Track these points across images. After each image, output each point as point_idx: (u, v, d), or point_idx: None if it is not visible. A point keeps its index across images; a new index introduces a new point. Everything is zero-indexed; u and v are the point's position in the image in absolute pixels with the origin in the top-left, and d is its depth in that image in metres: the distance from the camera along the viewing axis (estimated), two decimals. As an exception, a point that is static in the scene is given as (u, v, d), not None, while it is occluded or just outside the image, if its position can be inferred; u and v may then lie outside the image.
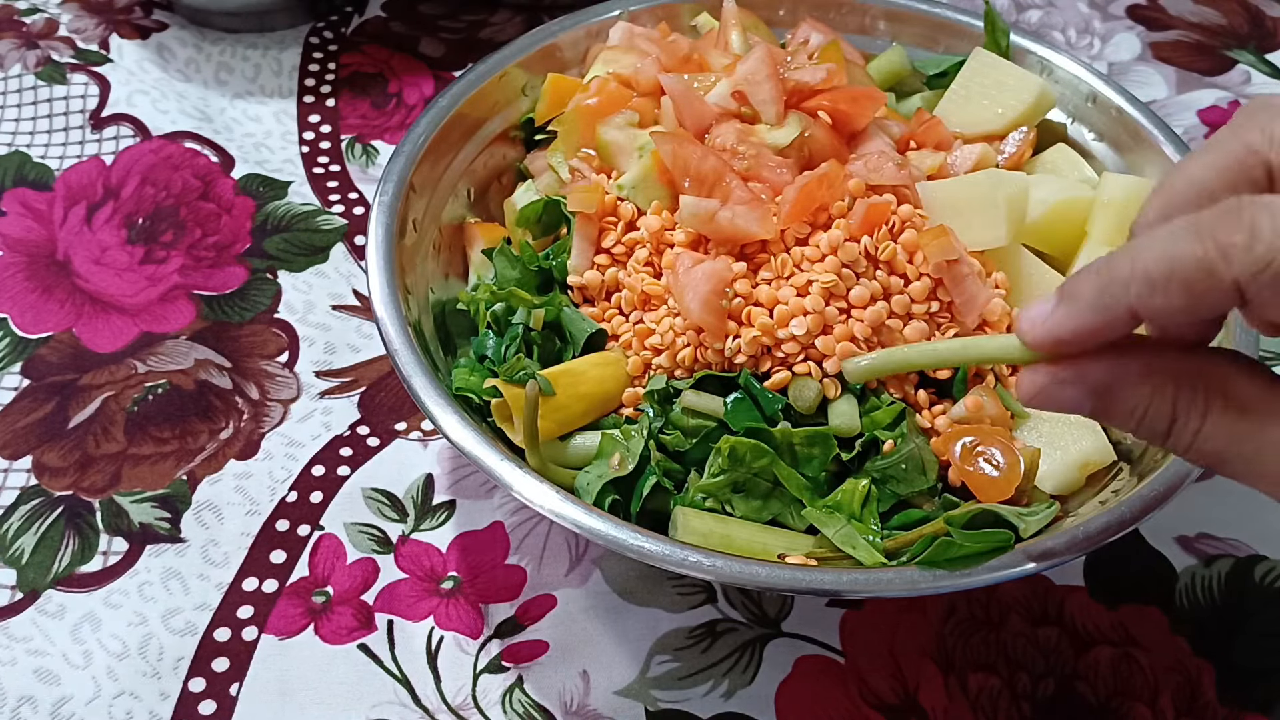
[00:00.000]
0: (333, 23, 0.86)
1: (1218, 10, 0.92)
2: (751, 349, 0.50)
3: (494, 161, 0.64)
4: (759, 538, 0.48)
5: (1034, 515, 0.47)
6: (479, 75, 0.63)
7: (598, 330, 0.54)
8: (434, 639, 0.54)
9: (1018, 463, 0.49)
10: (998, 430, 0.50)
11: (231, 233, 0.71)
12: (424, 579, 0.56)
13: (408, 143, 0.59)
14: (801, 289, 0.51)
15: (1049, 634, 0.55)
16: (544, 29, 0.66)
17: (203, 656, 0.53)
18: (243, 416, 0.62)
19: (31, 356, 0.65)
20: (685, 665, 0.54)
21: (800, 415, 0.50)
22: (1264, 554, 0.58)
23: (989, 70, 0.64)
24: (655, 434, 0.51)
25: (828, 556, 0.48)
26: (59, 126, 0.77)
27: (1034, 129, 0.63)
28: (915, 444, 0.50)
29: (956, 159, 0.60)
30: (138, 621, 0.54)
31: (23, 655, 0.53)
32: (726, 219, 0.52)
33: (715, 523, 0.48)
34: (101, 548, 0.57)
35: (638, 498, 0.50)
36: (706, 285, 0.50)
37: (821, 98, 0.57)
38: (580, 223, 0.56)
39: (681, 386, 0.51)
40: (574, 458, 0.52)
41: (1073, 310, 0.35)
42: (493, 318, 0.56)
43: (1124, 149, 0.63)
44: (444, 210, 0.60)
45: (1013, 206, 0.54)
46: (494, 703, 0.52)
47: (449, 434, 0.48)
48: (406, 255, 0.56)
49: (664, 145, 0.54)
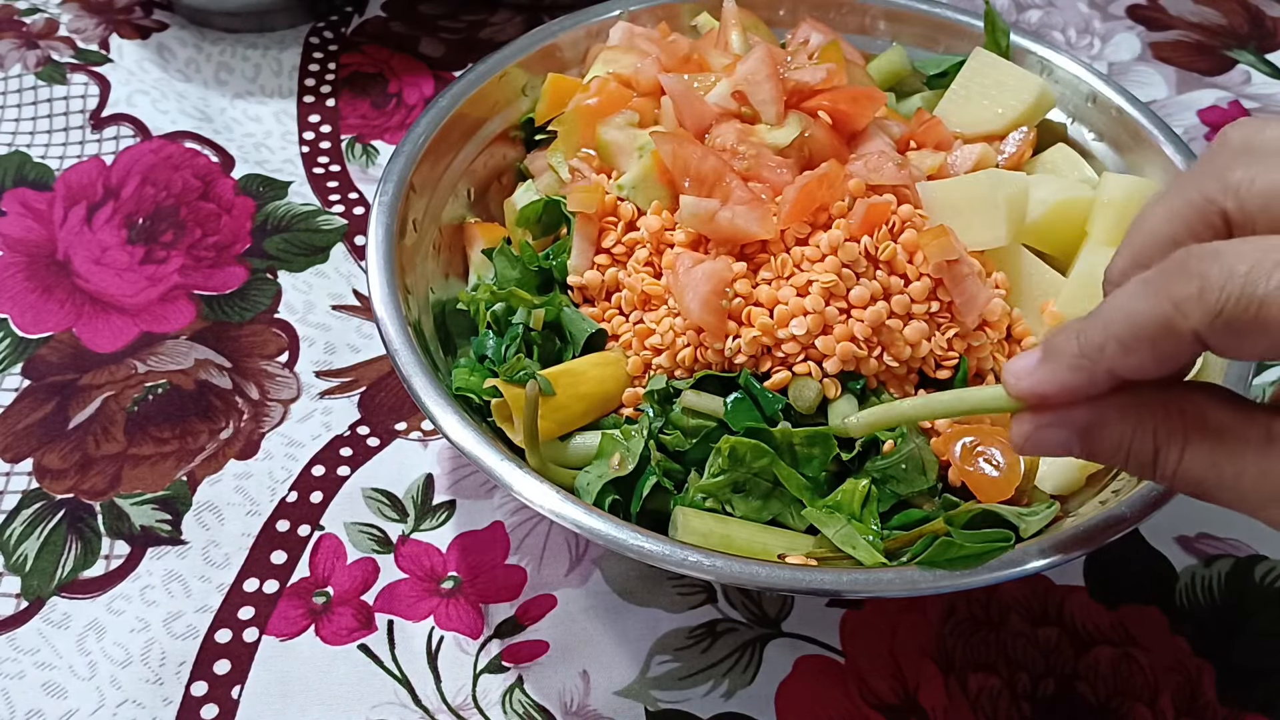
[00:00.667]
0: (333, 23, 0.86)
1: (1218, 10, 0.92)
2: (752, 349, 0.50)
3: (494, 161, 0.64)
4: (759, 538, 0.48)
5: (1034, 515, 0.48)
6: (479, 75, 0.63)
7: (598, 330, 0.54)
8: (434, 639, 0.54)
9: (1017, 463, 0.49)
10: (997, 430, 0.50)
11: (231, 233, 0.71)
12: (424, 579, 0.56)
13: (408, 142, 0.59)
14: (801, 289, 0.51)
15: (1049, 634, 0.55)
16: (544, 29, 0.66)
17: (204, 660, 0.53)
18: (243, 417, 0.62)
19: (31, 357, 0.65)
20: (685, 665, 0.54)
21: (800, 415, 0.50)
22: (1264, 554, 0.58)
23: (989, 70, 0.64)
24: (655, 434, 0.51)
25: (828, 556, 0.48)
26: (59, 126, 0.77)
27: (1034, 129, 0.63)
28: (915, 444, 0.50)
29: (956, 159, 0.60)
30: (140, 627, 0.54)
31: (30, 668, 0.53)
32: (726, 219, 0.52)
33: (715, 523, 0.48)
34: (104, 551, 0.57)
35: (638, 498, 0.50)
36: (706, 285, 0.50)
37: (821, 98, 0.57)
38: (580, 223, 0.56)
39: (681, 386, 0.51)
40: (574, 458, 0.52)
41: (1055, 369, 0.37)
42: (493, 318, 0.56)
43: (1124, 149, 0.63)
44: (444, 210, 0.60)
45: (1013, 206, 0.54)
46: (494, 703, 0.52)
47: (449, 434, 0.48)
48: (406, 255, 0.56)
49: (664, 145, 0.54)
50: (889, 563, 0.46)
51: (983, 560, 0.45)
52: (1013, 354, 0.54)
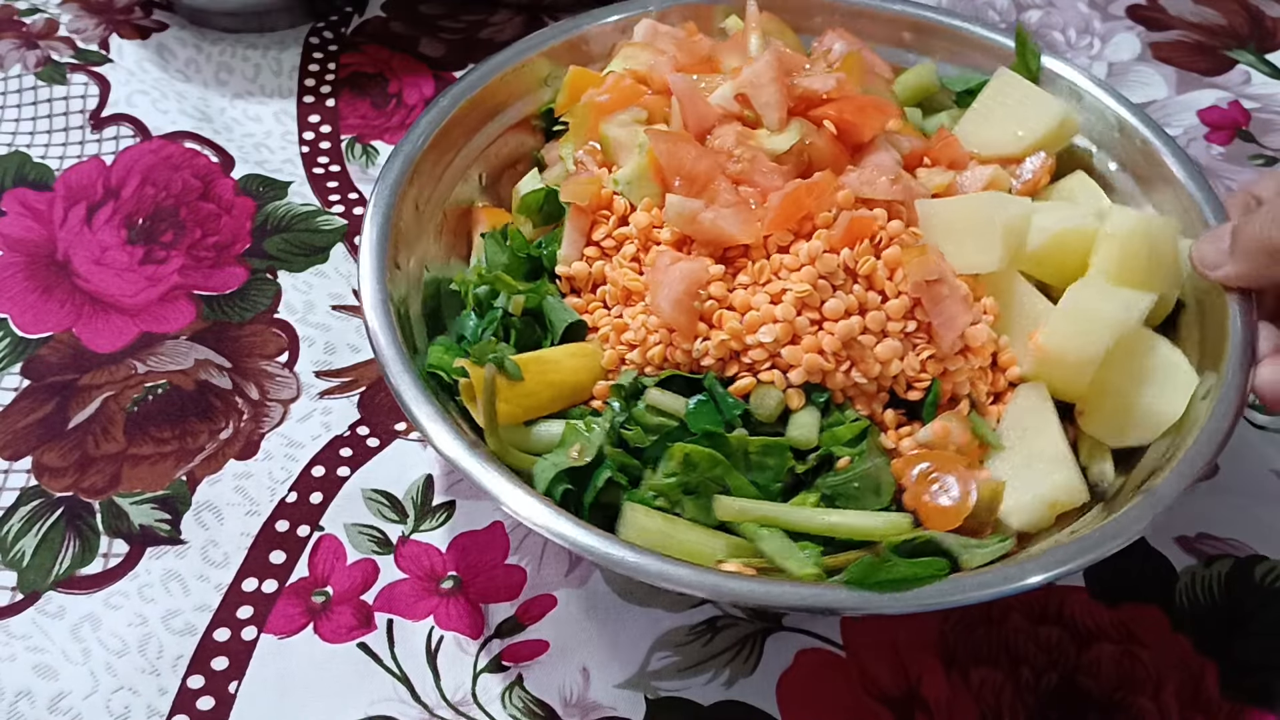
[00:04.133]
0: (333, 23, 0.86)
1: (1218, 10, 0.92)
2: (720, 352, 0.51)
3: (510, 148, 0.64)
4: (703, 541, 0.48)
5: (983, 548, 0.47)
6: (502, 60, 0.63)
7: (577, 321, 0.54)
8: (434, 638, 0.54)
9: (969, 495, 0.48)
10: (959, 459, 0.49)
11: (231, 233, 0.71)
12: (424, 579, 0.56)
13: (418, 128, 0.59)
14: (776, 296, 0.50)
15: (1050, 632, 0.55)
16: (573, 21, 0.66)
17: (201, 656, 0.53)
18: (242, 417, 0.62)
19: (31, 357, 0.65)
20: (686, 658, 0.54)
21: (760, 423, 0.50)
22: (1264, 554, 0.58)
23: (1011, 91, 0.62)
24: (617, 428, 0.51)
25: (766, 567, 0.48)
26: (59, 126, 0.77)
27: (1053, 155, 0.61)
28: (874, 464, 0.49)
29: (966, 179, 0.58)
30: (138, 622, 0.54)
31: (22, 652, 0.53)
32: (709, 220, 0.52)
33: (663, 522, 0.48)
34: (102, 549, 0.57)
35: (592, 489, 0.50)
36: (680, 285, 0.50)
37: (829, 106, 0.57)
38: (573, 213, 0.56)
39: (649, 383, 0.52)
40: (537, 444, 0.52)
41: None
42: (476, 300, 0.57)
43: (1146, 182, 0.61)
44: (453, 192, 0.61)
45: (1010, 231, 0.53)
46: (494, 699, 0.52)
47: (441, 448, 0.48)
48: (403, 235, 0.56)
49: (659, 143, 0.54)
50: (824, 577, 0.46)
51: (909, 586, 0.44)
52: (995, 382, 0.53)
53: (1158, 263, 0.54)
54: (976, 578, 0.45)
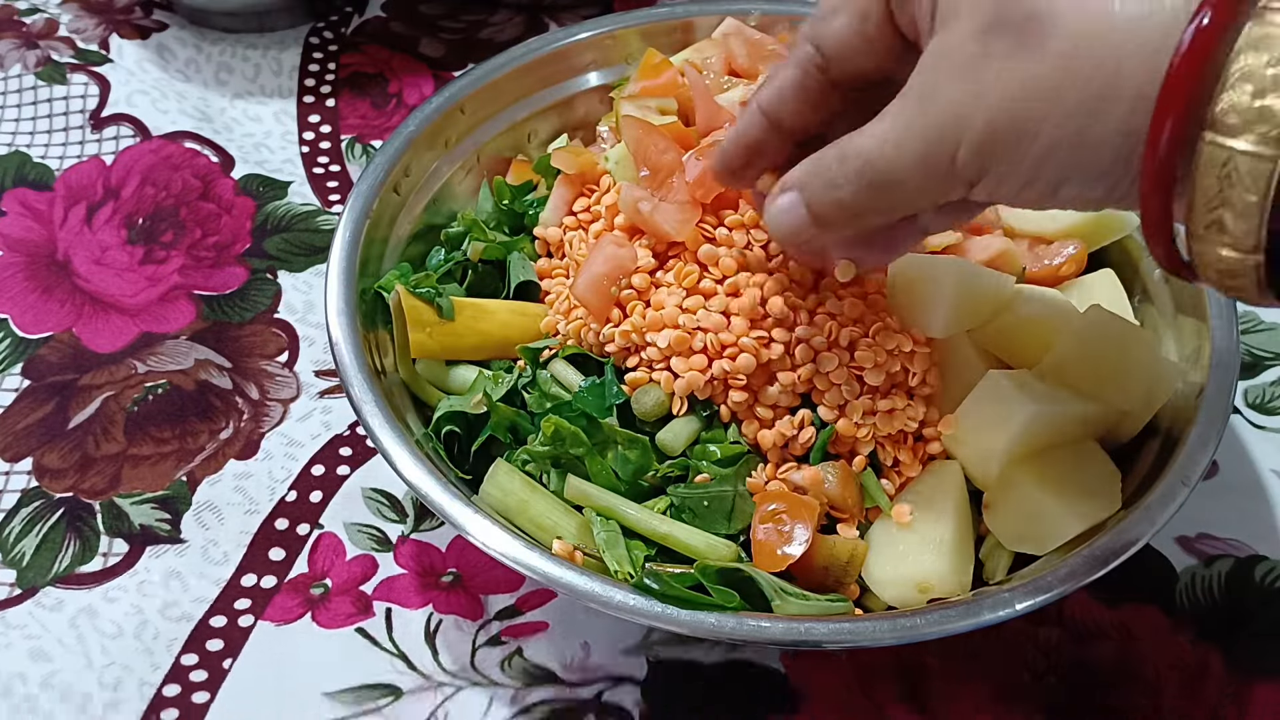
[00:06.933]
0: (333, 23, 0.86)
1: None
2: (623, 341, 0.52)
3: (578, 114, 0.67)
4: (553, 516, 0.50)
5: (802, 599, 0.47)
6: (593, 25, 0.67)
7: (529, 281, 0.57)
8: (432, 622, 0.55)
9: (798, 545, 0.47)
10: (813, 507, 0.48)
11: (231, 233, 0.71)
12: (423, 574, 0.56)
13: (469, 77, 0.63)
14: (680, 304, 0.51)
15: (1050, 633, 0.55)
16: (680, 7, 0.68)
17: (197, 637, 0.54)
18: (242, 416, 0.62)
19: (31, 357, 0.65)
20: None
21: (644, 420, 0.51)
22: (1264, 554, 0.58)
23: None
24: (520, 389, 0.53)
25: (591, 555, 0.49)
26: (59, 126, 0.77)
27: (1088, 247, 0.58)
28: (735, 489, 0.49)
29: (975, 244, 0.56)
30: (134, 612, 0.55)
31: (18, 640, 0.54)
32: (646, 210, 0.53)
33: (523, 485, 0.50)
34: (102, 549, 0.57)
35: (479, 440, 0.53)
36: (602, 267, 0.52)
37: None
38: (560, 180, 0.59)
39: (560, 355, 0.53)
40: (452, 384, 0.55)
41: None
42: (447, 238, 0.61)
43: (1180, 306, 0.57)
44: (493, 140, 0.65)
45: (963, 301, 0.51)
46: (493, 666, 0.53)
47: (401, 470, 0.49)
48: (374, 248, 0.58)
49: (630, 130, 0.55)
50: (635, 580, 0.46)
51: (685, 605, 0.45)
52: (918, 452, 0.52)
53: (1123, 373, 0.51)
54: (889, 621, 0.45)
